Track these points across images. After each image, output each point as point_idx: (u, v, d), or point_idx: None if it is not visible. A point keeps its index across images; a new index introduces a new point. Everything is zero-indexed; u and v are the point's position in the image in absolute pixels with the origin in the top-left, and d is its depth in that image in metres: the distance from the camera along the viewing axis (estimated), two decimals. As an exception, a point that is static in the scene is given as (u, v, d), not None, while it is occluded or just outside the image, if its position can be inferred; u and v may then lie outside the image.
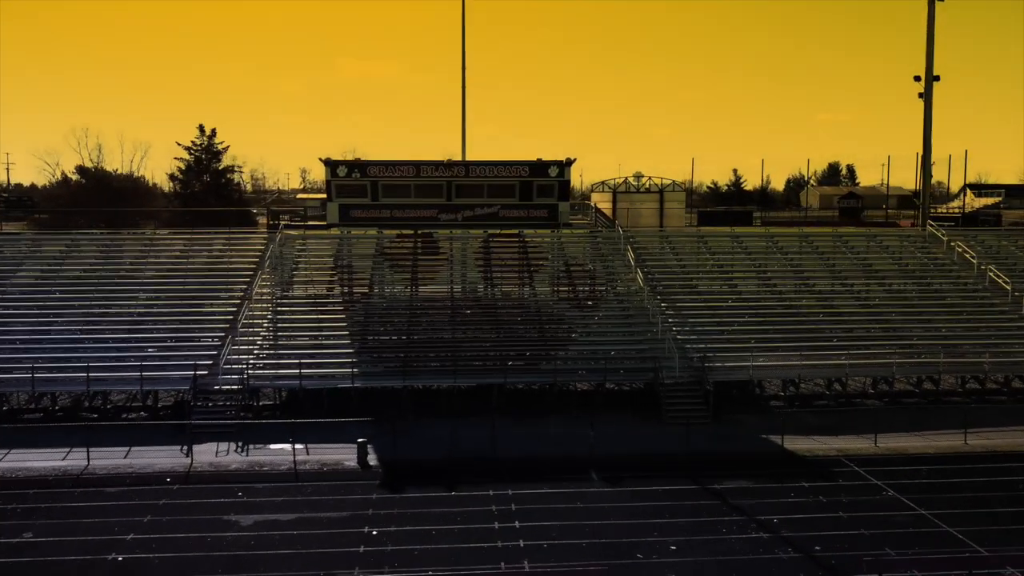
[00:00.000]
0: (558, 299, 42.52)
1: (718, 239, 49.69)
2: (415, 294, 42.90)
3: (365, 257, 45.89)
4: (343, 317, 39.59)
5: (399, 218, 48.01)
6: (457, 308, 41.33)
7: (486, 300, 42.53)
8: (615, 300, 42.34)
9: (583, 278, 44.60)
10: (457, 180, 47.60)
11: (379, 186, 47.35)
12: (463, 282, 44.48)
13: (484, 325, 39.85)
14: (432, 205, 48.06)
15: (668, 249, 47.85)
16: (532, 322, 40.24)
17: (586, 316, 40.74)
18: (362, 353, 36.80)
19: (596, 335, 39.48)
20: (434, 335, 38.65)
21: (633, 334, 39.38)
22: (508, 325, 39.89)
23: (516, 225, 48.37)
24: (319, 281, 43.02)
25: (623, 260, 45.59)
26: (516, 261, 45.62)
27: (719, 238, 49.84)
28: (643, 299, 41.68)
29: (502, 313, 40.91)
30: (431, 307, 41.22)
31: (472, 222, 48.20)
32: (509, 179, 47.82)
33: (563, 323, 39.99)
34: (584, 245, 47.63)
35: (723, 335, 39.48)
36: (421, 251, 46.25)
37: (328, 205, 48.20)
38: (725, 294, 43.30)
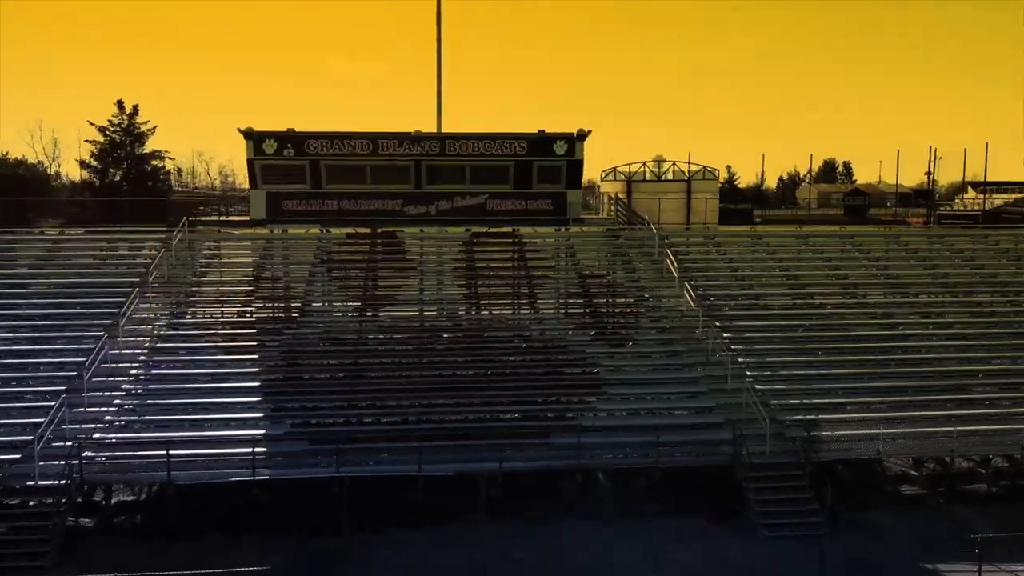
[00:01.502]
0: (573, 324, 29.36)
1: (779, 239, 36.68)
2: (371, 318, 29.54)
3: (300, 266, 32.51)
4: (255, 358, 26.18)
5: (350, 212, 34.54)
6: (428, 339, 28.04)
7: (470, 326, 29.25)
8: (653, 326, 29.23)
9: (605, 294, 31.47)
10: (430, 159, 34.23)
11: (322, 167, 33.86)
12: (438, 300, 31.21)
13: (466, 364, 26.59)
14: (396, 194, 34.65)
15: (715, 252, 34.76)
16: (536, 359, 27.02)
17: (615, 350, 27.59)
18: (275, 419, 23.42)
19: (632, 380, 26.36)
20: (391, 385, 25.27)
21: (687, 378, 26.22)
22: (502, 364, 26.64)
23: (510, 221, 35.08)
24: (229, 301, 29.51)
25: (657, 267, 32.49)
26: (511, 270, 32.51)
27: (780, 237, 36.79)
28: (695, 324, 28.64)
29: (493, 345, 27.62)
30: (390, 340, 27.85)
31: (450, 217, 34.84)
32: (501, 158, 34.48)
33: (581, 360, 26.82)
34: (603, 248, 34.47)
35: (815, 377, 26.53)
36: (381, 257, 32.94)
37: (251, 195, 34.62)
38: (801, 311, 30.32)
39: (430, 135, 34.19)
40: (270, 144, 33.37)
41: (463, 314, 29.97)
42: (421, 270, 32.09)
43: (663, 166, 47.33)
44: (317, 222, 34.38)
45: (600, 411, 24.59)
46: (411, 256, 32.83)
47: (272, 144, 33.38)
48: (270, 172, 34.04)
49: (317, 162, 33.56)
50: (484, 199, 34.75)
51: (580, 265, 32.85)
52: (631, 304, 30.57)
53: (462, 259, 32.62)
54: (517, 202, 34.87)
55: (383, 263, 32.43)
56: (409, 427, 23.31)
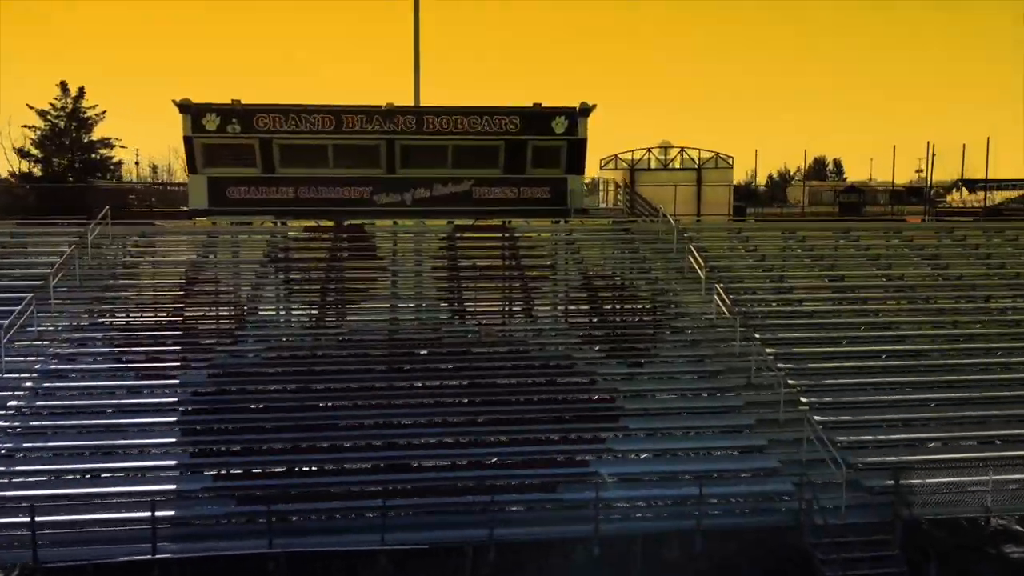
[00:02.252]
0: (578, 337, 23.64)
1: (814, 231, 31.12)
2: (330, 330, 23.70)
3: (247, 265, 26.64)
4: (175, 383, 20.32)
5: (309, 201, 28.74)
6: (401, 356, 22.27)
7: (453, 339, 23.48)
8: (678, 338, 23.57)
9: (615, 299, 25.82)
10: (405, 138, 28.46)
11: (274, 147, 28.03)
12: (414, 308, 25.43)
13: (448, 389, 20.89)
14: (364, 179, 28.87)
15: (742, 248, 29.18)
16: (536, 382, 21.33)
17: (633, 370, 21.90)
18: (193, 469, 17.61)
19: (657, 409, 20.71)
20: (351, 418, 19.48)
21: (727, 407, 20.57)
22: (492, 388, 20.90)
23: (501, 212, 29.41)
24: (153, 308, 23.62)
25: (676, 266, 26.88)
26: (502, 271, 26.84)
27: (814, 231, 31.23)
28: (729, 336, 23.05)
29: (481, 364, 21.88)
30: (352, 358, 22.06)
31: (429, 207, 29.13)
32: (489, 137, 28.77)
33: (591, 383, 21.17)
34: (611, 244, 28.82)
35: (886, 405, 21.00)
36: (345, 255, 27.14)
37: (190, 180, 28.78)
38: (851, 319, 24.78)
39: (405, 109, 28.39)
40: (211, 119, 27.49)
41: (444, 325, 24.23)
42: (394, 271, 26.31)
43: (670, 153, 41.73)
44: (269, 213, 28.52)
45: (618, 452, 18.93)
46: (382, 254, 27.04)
47: (214, 119, 27.50)
48: (212, 153, 28.15)
49: (268, 141, 27.72)
50: (469, 186, 29.03)
51: (584, 264, 27.19)
52: (649, 311, 24.94)
53: (443, 258, 26.89)
54: (508, 190, 29.18)
55: (348, 262, 26.63)
56: (372, 478, 17.60)
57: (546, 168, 29.25)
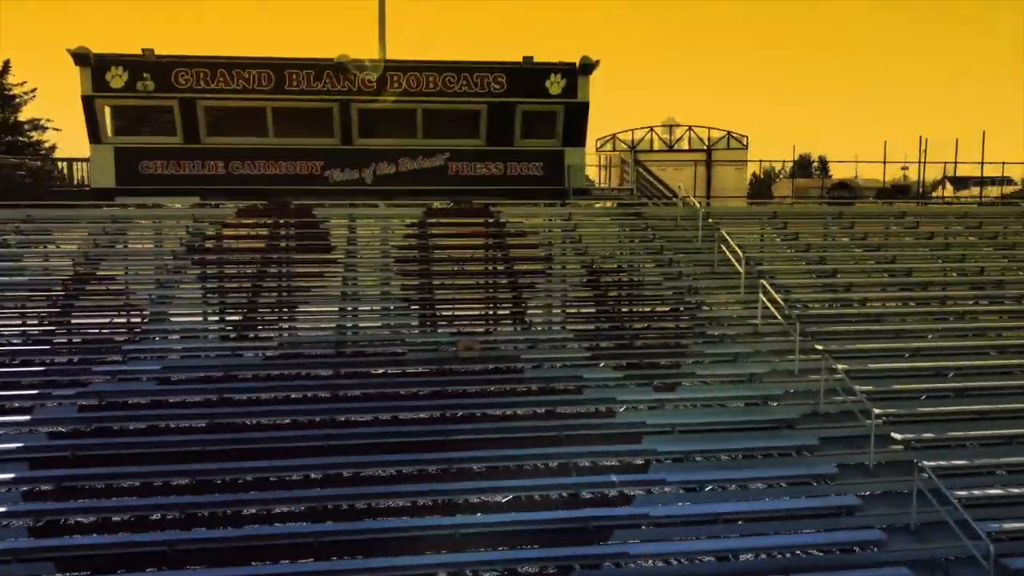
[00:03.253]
0: (585, 351, 17.84)
1: (862, 214, 25.54)
2: (255, 342, 17.80)
3: (157, 260, 20.65)
4: (22, 421, 14.35)
5: (243, 178, 22.92)
6: (352, 377, 16.42)
7: (420, 355, 17.58)
8: (716, 351, 17.82)
9: (629, 300, 20.09)
10: (364, 101, 22.66)
11: (199, 111, 22.11)
12: (372, 313, 19.59)
13: (414, 428, 15.09)
14: (313, 152, 23.08)
15: (779, 237, 23.57)
16: (531, 413, 15.67)
17: (661, 395, 16.15)
18: (31, 560, 11.76)
19: (701, 451, 15.01)
20: (271, 472, 13.65)
21: (796, 449, 14.98)
22: (470, 421, 15.20)
23: (483, 192, 23.67)
24: (28, 314, 17.69)
25: (703, 259, 21.24)
26: (484, 265, 21.08)
27: (861, 218, 25.65)
28: (783, 347, 17.45)
29: (458, 389, 16.13)
30: (282, 381, 16.13)
31: (394, 186, 23.38)
32: (469, 100, 23.04)
33: (607, 415, 15.50)
34: (620, 232, 23.03)
35: (1000, 443, 15.49)
36: (293, 244, 21.25)
37: (93, 153, 22.77)
38: (925, 323, 19.29)
39: (363, 63, 22.54)
40: (117, 74, 21.53)
41: (411, 335, 18.38)
42: (348, 266, 20.46)
43: (676, 132, 36.08)
44: (193, 193, 22.61)
45: (652, 520, 13.18)
46: (334, 244, 21.18)
47: (121, 74, 21.55)
48: (120, 117, 22.23)
49: (191, 103, 21.80)
50: (444, 160, 23.28)
51: (587, 256, 21.47)
52: (674, 317, 19.26)
53: (411, 249, 21.07)
54: (493, 165, 23.45)
55: (297, 252, 20.76)
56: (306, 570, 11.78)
57: (539, 139, 23.56)
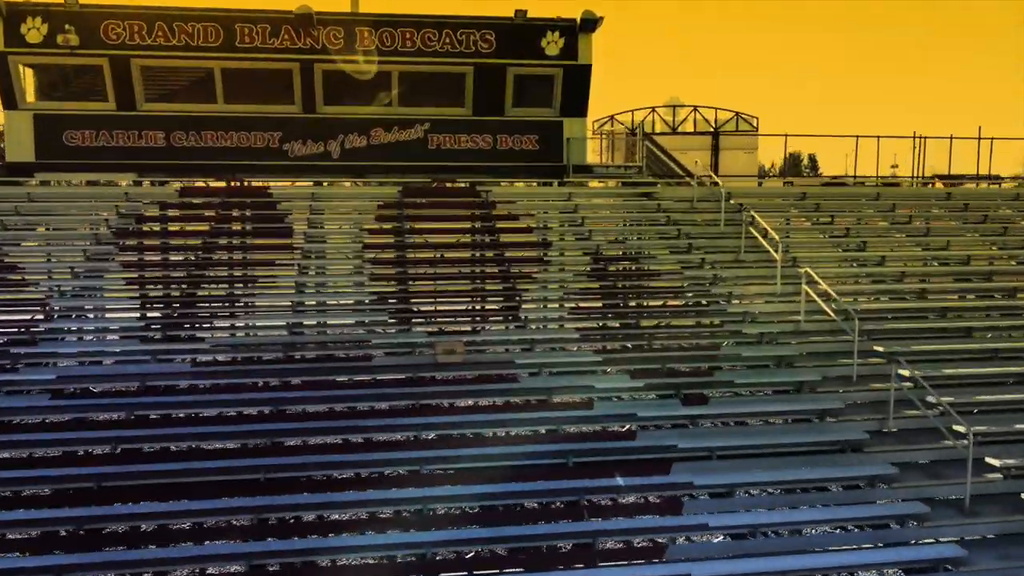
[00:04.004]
0: (593, 356, 14.38)
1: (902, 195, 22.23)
2: (190, 343, 14.32)
3: (77, 246, 17.08)
4: None
5: (188, 152, 19.40)
6: (305, 389, 13.02)
7: (392, 356, 14.14)
8: (754, 354, 14.43)
9: (638, 288, 16.68)
10: (329, 60, 19.20)
11: (134, 72, 18.52)
12: (337, 308, 16.13)
13: (382, 452, 11.75)
14: (270, 121, 19.53)
15: (808, 220, 20.17)
16: (531, 435, 12.34)
17: (690, 410, 12.78)
18: None
19: (743, 484, 11.68)
20: (190, 522, 10.27)
21: (863, 481, 11.65)
22: (453, 444, 11.84)
23: (469, 169, 20.24)
24: None
25: (729, 247, 17.88)
26: (471, 252, 17.66)
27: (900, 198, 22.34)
28: (840, 350, 14.17)
29: (437, 401, 12.79)
30: (213, 396, 12.73)
31: (365, 162, 19.93)
32: (452, 61, 19.53)
33: (624, 433, 12.18)
34: (629, 216, 19.56)
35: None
36: (249, 227, 17.73)
37: (7, 120, 19.18)
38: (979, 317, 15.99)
39: (328, 16, 19.03)
40: (35, 26, 17.96)
41: (382, 335, 14.92)
42: (305, 252, 16.96)
43: (680, 113, 32.79)
44: (129, 169, 19.10)
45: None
46: (293, 227, 17.65)
47: (39, 26, 17.97)
48: (41, 79, 18.70)
49: (125, 62, 18.25)
50: (423, 132, 19.84)
51: (591, 241, 18.00)
52: (698, 313, 15.88)
53: (384, 233, 17.61)
54: (480, 137, 20.04)
55: (253, 238, 17.27)
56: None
57: (533, 107, 20.14)
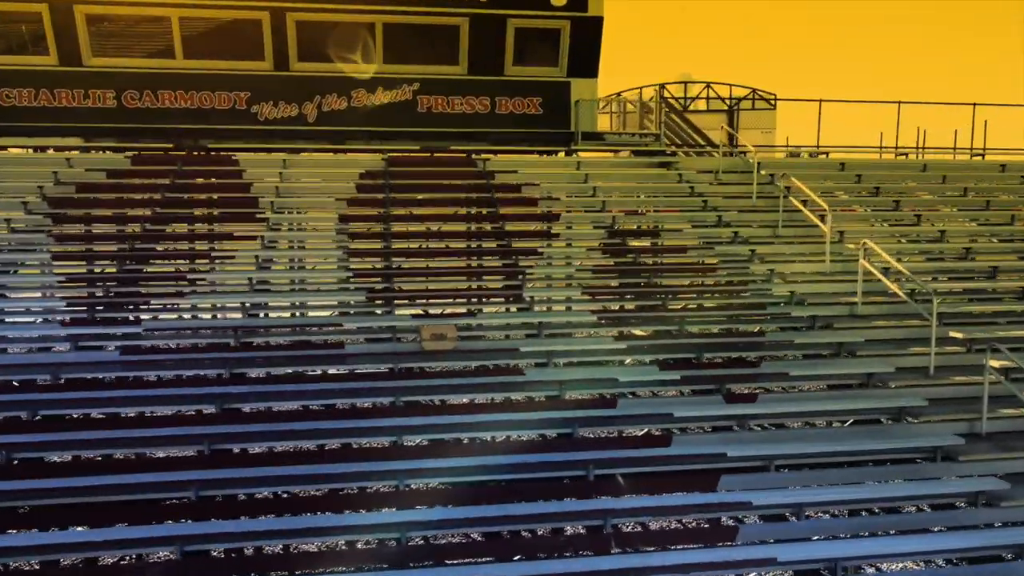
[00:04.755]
0: (613, 343, 11.86)
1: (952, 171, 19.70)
2: (122, 328, 11.81)
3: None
4: None
5: (142, 114, 16.79)
6: (257, 386, 10.50)
7: (370, 345, 11.66)
8: (807, 341, 11.91)
9: (660, 264, 14.15)
10: (303, 10, 16.67)
11: (78, 22, 15.94)
12: (307, 287, 13.62)
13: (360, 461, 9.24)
14: (237, 79, 16.97)
15: (843, 194, 17.61)
16: (541, 440, 9.86)
17: (734, 409, 10.29)
18: None
19: (816, 519, 9.21)
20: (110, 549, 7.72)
21: (953, 499, 9.17)
22: (443, 448, 9.37)
23: (464, 136, 17.69)
24: None
25: (763, 220, 15.35)
26: (467, 225, 15.10)
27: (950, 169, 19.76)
28: (912, 337, 11.68)
29: (432, 401, 10.30)
30: (146, 390, 10.19)
31: (345, 127, 17.33)
32: (444, 11, 17.02)
33: (660, 438, 9.68)
34: (649, 188, 16.89)
35: None
36: (207, 197, 15.14)
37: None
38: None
39: (301, -41, 16.47)
40: (-40, -33, 15.41)
41: (359, 320, 12.33)
42: (273, 226, 14.34)
43: (692, 90, 30.28)
44: (73, 133, 16.53)
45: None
46: (260, 197, 15.04)
47: (-35, -33, 15.42)
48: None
49: (67, 11, 15.63)
50: (412, 93, 17.28)
51: (606, 213, 15.39)
52: (732, 293, 13.32)
53: (365, 205, 15.01)
54: (476, 100, 17.48)
55: (198, 211, 14.68)
56: None
57: (537, 66, 17.60)
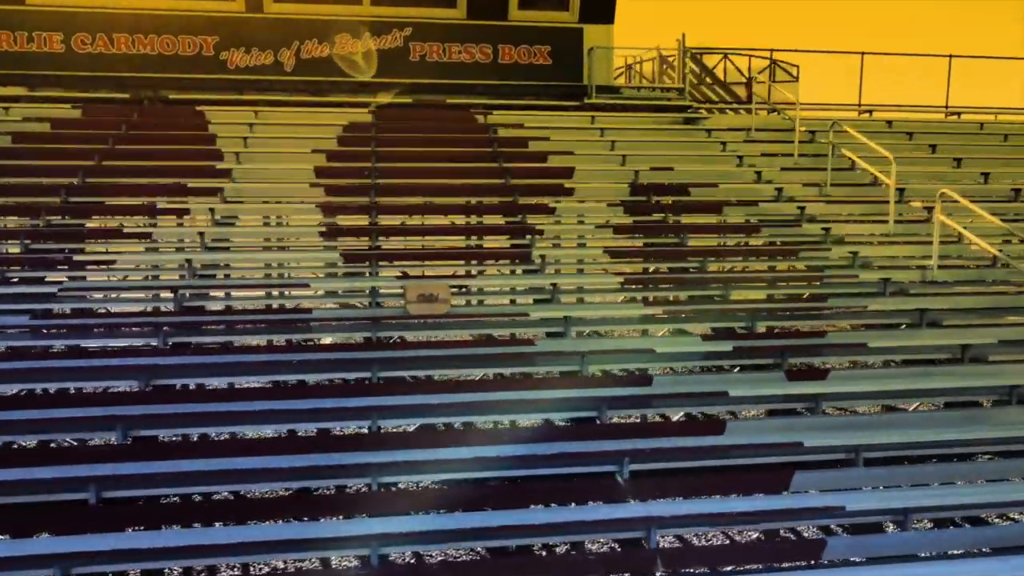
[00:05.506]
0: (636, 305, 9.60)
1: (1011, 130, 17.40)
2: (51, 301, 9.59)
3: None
4: None
5: (95, 61, 14.57)
6: (200, 356, 8.33)
7: (345, 311, 9.44)
8: (880, 308, 9.66)
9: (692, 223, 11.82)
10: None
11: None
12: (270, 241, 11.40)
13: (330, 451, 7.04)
14: (203, 21, 14.71)
15: (903, 150, 15.33)
16: (558, 431, 7.70)
17: (807, 388, 8.03)
18: None
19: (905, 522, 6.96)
20: None
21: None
22: (436, 437, 7.20)
23: (462, 88, 15.45)
24: None
25: (807, 177, 13.12)
26: (465, 180, 12.82)
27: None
28: (997, 304, 9.48)
29: (416, 377, 8.10)
30: (61, 360, 8.02)
31: (327, 76, 15.11)
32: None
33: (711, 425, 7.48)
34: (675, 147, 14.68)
35: None
36: (169, 146, 12.90)
37: None
38: None
39: None
40: None
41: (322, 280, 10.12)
42: (236, 178, 12.11)
43: (707, 61, 27.99)
44: (16, 81, 14.28)
45: None
46: (225, 151, 12.77)
47: None
48: None
49: (6, -63, 13.49)
50: (403, 39, 15.04)
51: (627, 169, 13.03)
52: (773, 254, 11.08)
53: (346, 159, 12.76)
54: (477, 48, 15.24)
55: (149, 161, 12.43)
56: None
57: (546, 10, 15.39)
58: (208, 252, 9.93)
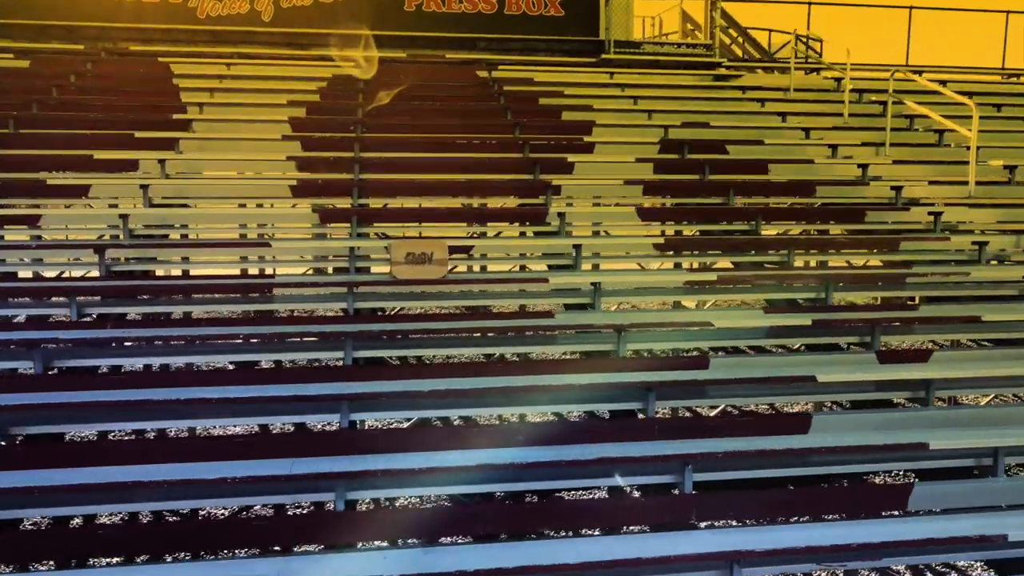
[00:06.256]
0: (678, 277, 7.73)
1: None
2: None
3: None
4: None
5: (49, 8, 12.70)
6: (130, 341, 6.49)
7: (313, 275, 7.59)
8: (973, 271, 7.76)
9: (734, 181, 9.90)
10: None
11: None
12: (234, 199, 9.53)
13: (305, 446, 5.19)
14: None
15: (965, 109, 13.46)
16: (586, 433, 5.83)
17: (902, 371, 6.22)
18: None
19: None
20: None
21: None
22: (429, 440, 5.36)
23: (463, 42, 13.57)
24: None
25: (861, 137, 11.23)
26: (469, 138, 10.93)
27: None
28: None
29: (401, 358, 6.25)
30: None
31: (310, 27, 13.22)
32: None
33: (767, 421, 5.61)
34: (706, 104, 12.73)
35: None
36: (119, 98, 11.03)
37: None
38: None
39: None
40: None
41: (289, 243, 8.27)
42: (203, 136, 10.23)
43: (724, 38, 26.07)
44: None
45: None
46: (188, 103, 10.90)
47: None
48: None
49: None
50: (398, -17, 13.18)
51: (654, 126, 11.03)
52: (838, 218, 9.18)
53: (327, 112, 10.88)
54: None
55: (101, 117, 10.56)
56: None
57: (558, -46, 13.52)
58: (153, 208, 8.03)
